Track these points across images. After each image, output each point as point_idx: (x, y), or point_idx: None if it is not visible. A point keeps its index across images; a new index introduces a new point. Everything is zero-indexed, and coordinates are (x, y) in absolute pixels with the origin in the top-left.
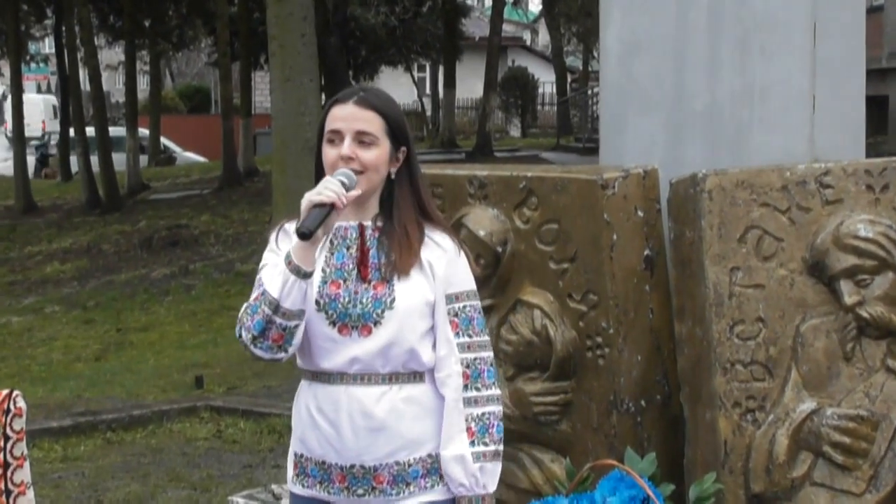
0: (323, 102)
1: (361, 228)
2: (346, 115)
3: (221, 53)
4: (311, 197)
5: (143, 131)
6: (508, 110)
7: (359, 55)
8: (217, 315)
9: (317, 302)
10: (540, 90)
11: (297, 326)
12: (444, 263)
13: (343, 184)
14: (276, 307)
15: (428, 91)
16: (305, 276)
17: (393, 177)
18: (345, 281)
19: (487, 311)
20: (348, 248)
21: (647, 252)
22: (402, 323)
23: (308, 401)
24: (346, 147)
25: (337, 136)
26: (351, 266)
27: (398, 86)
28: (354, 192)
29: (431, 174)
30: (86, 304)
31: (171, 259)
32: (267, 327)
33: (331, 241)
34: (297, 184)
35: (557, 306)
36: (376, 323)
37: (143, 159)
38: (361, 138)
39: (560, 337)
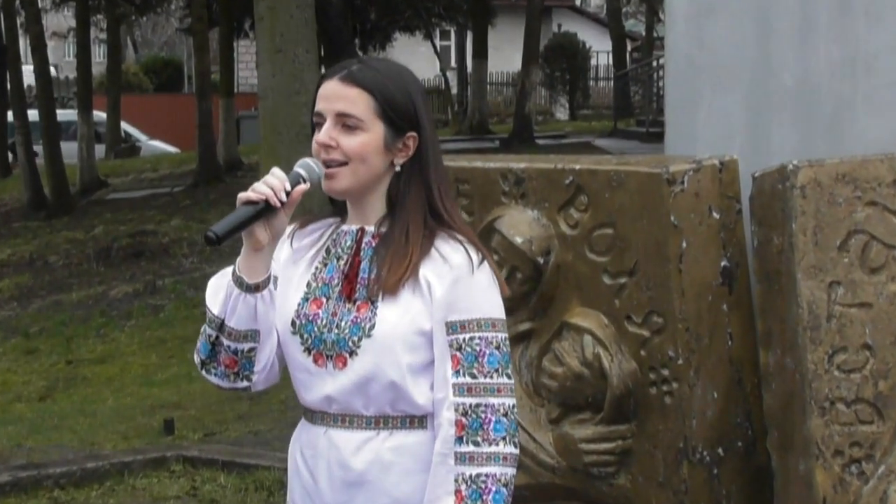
0: None
1: (360, 234)
2: (328, 94)
3: (196, 18)
4: (241, 193)
5: (100, 115)
6: (553, 87)
7: (367, 20)
8: (191, 343)
9: (293, 323)
10: (592, 62)
11: (252, 350)
12: (447, 283)
13: (299, 177)
14: (219, 326)
15: (453, 64)
16: (250, 288)
17: (398, 168)
18: (327, 300)
19: (525, 337)
20: (339, 260)
21: (724, 263)
22: (381, 354)
23: (297, 442)
24: (324, 132)
25: (321, 119)
26: (337, 281)
27: (416, 57)
28: (302, 188)
29: (456, 167)
30: (28, 331)
31: (135, 274)
32: (214, 350)
33: (326, 250)
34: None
35: (613, 331)
36: (352, 353)
37: (100, 150)
38: (344, 121)
39: (616, 369)
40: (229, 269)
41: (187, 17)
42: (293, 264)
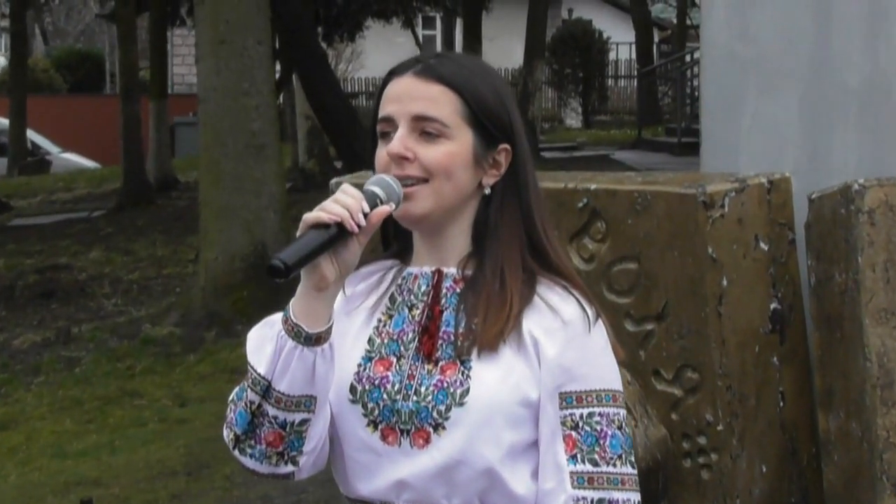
0: (278, 74)
1: (438, 277)
2: (401, 93)
3: (121, 1)
4: (307, 214)
5: (1, 121)
6: (563, 86)
7: (332, 4)
8: (115, 405)
9: (352, 388)
10: (612, 55)
11: (305, 423)
12: (559, 342)
13: (375, 196)
14: (265, 390)
15: None
16: (309, 340)
17: (488, 191)
18: (399, 359)
19: None
20: (412, 309)
21: (774, 305)
22: (476, 429)
23: None
24: (397, 140)
25: (390, 127)
26: (411, 335)
27: (393, 50)
28: (383, 210)
29: None
30: None
31: (44, 318)
32: (255, 422)
33: (391, 298)
34: (240, 200)
35: (637, 389)
36: (437, 427)
37: (0, 164)
38: (423, 127)
39: (642, 437)
40: (276, 317)
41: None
42: (346, 316)
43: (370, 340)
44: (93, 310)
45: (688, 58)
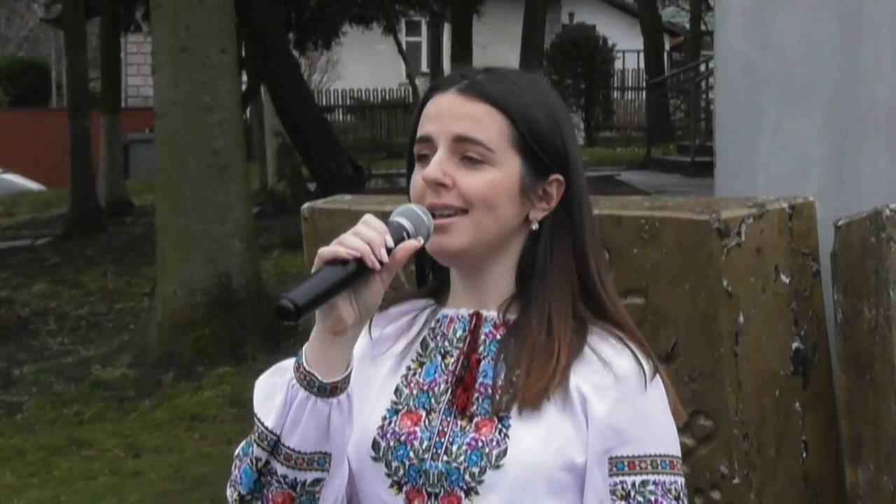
0: (244, 86)
1: (476, 321)
2: (443, 111)
3: (68, 5)
4: (323, 249)
5: None
6: (563, 99)
7: (305, 7)
8: (61, 455)
9: (374, 444)
10: (617, 65)
11: (318, 483)
12: (610, 400)
13: (401, 228)
14: (273, 445)
15: (425, 68)
16: (323, 391)
17: (535, 227)
18: (428, 413)
19: None
20: (445, 356)
21: (796, 344)
22: (514, 495)
23: None
24: (435, 164)
25: (428, 149)
26: (444, 387)
27: (373, 59)
28: (410, 245)
29: None
30: None
31: None
32: (262, 481)
33: (423, 343)
34: (202, 227)
35: None
36: (470, 491)
37: None
38: (465, 150)
39: None
40: (288, 363)
41: (56, 2)
42: (371, 362)
43: (397, 391)
44: (36, 349)
45: (702, 67)
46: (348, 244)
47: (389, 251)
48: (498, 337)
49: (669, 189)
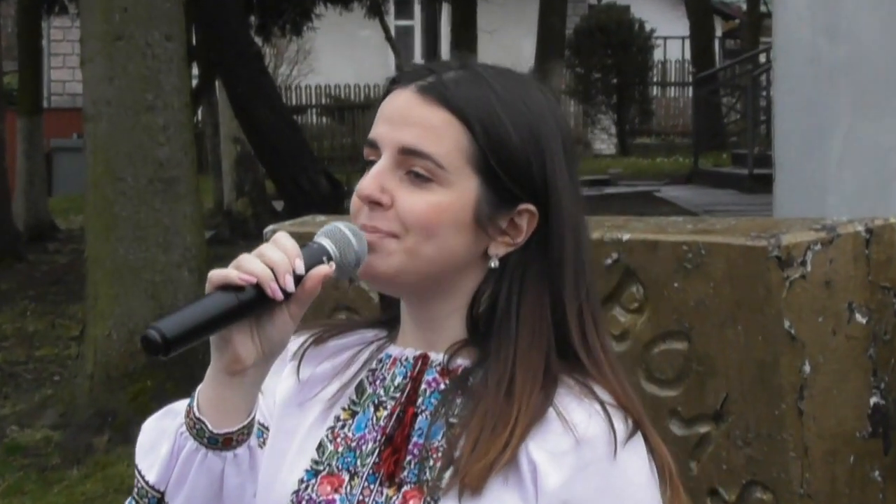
0: (195, 82)
1: (421, 366)
2: (395, 112)
3: None
4: (214, 271)
5: None
6: (590, 97)
7: None
8: None
9: None
10: (657, 55)
11: None
12: (567, 469)
13: (322, 252)
14: None
15: (419, 58)
16: (215, 443)
17: (494, 264)
18: (352, 477)
19: None
20: (379, 407)
21: (875, 399)
22: None
23: None
24: (371, 177)
25: (375, 155)
26: (372, 445)
27: (356, 48)
28: (322, 271)
29: None
30: None
31: None
32: None
33: (359, 386)
34: (142, 256)
35: None
36: None
37: None
38: (412, 165)
39: None
40: (182, 405)
41: None
42: (298, 408)
43: (321, 447)
44: None
45: (762, 58)
46: (245, 267)
47: (299, 279)
48: (441, 387)
49: (720, 208)
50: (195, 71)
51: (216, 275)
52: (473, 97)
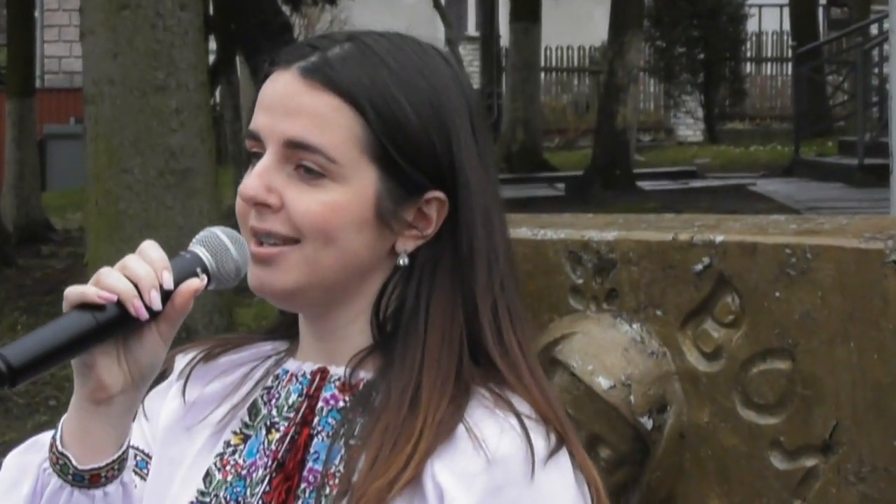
0: (213, 56)
1: (319, 382)
2: (276, 99)
3: None
4: (70, 288)
5: None
6: (672, 75)
7: None
8: None
9: None
10: (751, 26)
11: None
12: (479, 490)
13: (196, 262)
14: None
15: (472, 30)
16: (80, 479)
17: (404, 261)
18: None
19: None
20: (271, 430)
21: None
22: None
23: None
24: (255, 176)
25: (260, 147)
26: (262, 473)
27: (396, 16)
28: (194, 286)
29: None
30: None
31: None
32: None
33: (252, 407)
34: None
35: None
36: None
37: None
38: (301, 159)
39: None
40: (46, 437)
41: None
42: (186, 433)
43: (208, 476)
44: None
45: (874, 29)
46: (105, 283)
47: (168, 294)
48: (341, 404)
49: (826, 205)
50: (212, 45)
51: (72, 292)
52: (364, 76)
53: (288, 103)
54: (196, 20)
